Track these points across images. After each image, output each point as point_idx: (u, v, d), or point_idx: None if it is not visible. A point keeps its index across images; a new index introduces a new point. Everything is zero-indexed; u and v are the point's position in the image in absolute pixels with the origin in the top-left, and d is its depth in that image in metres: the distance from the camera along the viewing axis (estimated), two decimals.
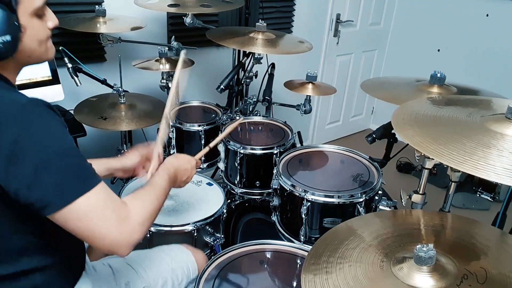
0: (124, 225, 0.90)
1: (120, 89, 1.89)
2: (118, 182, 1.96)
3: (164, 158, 1.37)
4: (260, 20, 2.11)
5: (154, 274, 1.28)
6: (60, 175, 0.85)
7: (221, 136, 1.49)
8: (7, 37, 0.88)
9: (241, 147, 1.84)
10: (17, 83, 1.01)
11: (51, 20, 0.99)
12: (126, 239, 0.90)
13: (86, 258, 1.18)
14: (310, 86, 2.11)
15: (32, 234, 0.93)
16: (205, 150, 1.46)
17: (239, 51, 2.50)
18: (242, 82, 2.36)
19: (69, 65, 1.87)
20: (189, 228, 1.53)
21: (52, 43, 1.00)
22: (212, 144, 1.47)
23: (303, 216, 1.52)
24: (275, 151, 1.86)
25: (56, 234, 0.94)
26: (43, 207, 0.84)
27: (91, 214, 0.86)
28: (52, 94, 1.87)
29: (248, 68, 2.29)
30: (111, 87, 2.00)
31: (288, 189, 1.57)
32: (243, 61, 2.17)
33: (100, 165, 1.32)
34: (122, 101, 1.89)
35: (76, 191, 0.85)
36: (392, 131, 1.74)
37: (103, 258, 1.34)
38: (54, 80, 1.88)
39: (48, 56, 1.01)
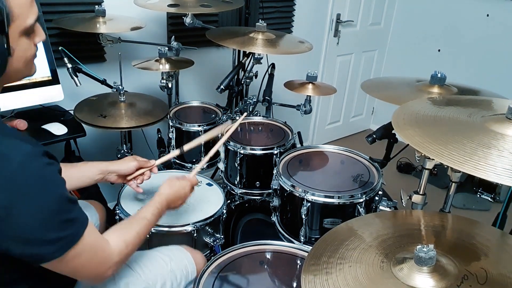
0: (103, 266, 0.98)
1: (120, 87, 1.89)
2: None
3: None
4: (260, 20, 2.11)
5: (153, 274, 1.28)
6: (54, 232, 0.87)
7: (217, 146, 1.50)
8: None
9: (241, 148, 1.84)
10: (17, 83, 1.00)
11: (39, 36, 0.91)
12: (102, 276, 1.00)
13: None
14: (310, 86, 2.11)
15: (21, 270, 0.95)
16: (202, 164, 1.51)
17: (239, 51, 2.49)
18: (242, 82, 2.36)
19: (69, 65, 1.87)
20: (189, 228, 1.53)
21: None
22: (211, 152, 1.50)
23: (303, 216, 1.52)
24: (275, 152, 1.85)
25: (45, 270, 0.95)
26: (35, 261, 0.88)
27: (77, 259, 0.92)
28: (51, 94, 1.87)
29: (248, 68, 2.29)
30: (111, 87, 2.00)
31: (288, 189, 1.57)
32: (243, 61, 2.17)
33: (94, 167, 1.35)
34: (122, 100, 1.89)
35: (67, 244, 0.89)
36: (393, 132, 1.74)
37: None
38: (54, 80, 1.88)
39: (31, 73, 0.95)
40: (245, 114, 1.66)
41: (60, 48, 1.85)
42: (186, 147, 1.56)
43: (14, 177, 0.80)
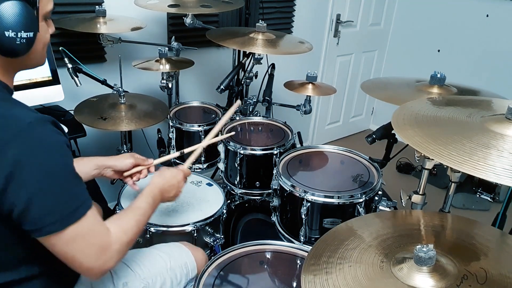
0: (103, 255, 0.94)
1: (120, 89, 1.89)
2: (118, 182, 1.96)
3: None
4: (260, 20, 2.11)
5: (152, 273, 1.27)
6: (55, 201, 0.86)
7: (205, 141, 1.50)
8: (31, 34, 0.90)
9: (241, 148, 1.84)
10: (17, 83, 1.02)
11: (51, 27, 1.01)
12: (101, 267, 0.95)
13: None
14: (310, 86, 2.11)
15: (29, 246, 0.94)
16: (192, 158, 1.49)
17: (239, 51, 2.50)
18: (242, 82, 2.36)
19: (69, 66, 1.87)
20: (189, 228, 1.53)
21: None
22: (198, 149, 1.50)
23: (303, 216, 1.52)
24: (275, 152, 1.85)
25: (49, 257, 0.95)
26: (34, 230, 0.86)
27: (77, 241, 0.90)
28: (52, 95, 1.87)
29: (248, 69, 2.29)
30: (111, 87, 2.00)
31: (288, 189, 1.57)
32: (243, 61, 2.17)
33: (90, 162, 1.35)
34: (122, 101, 1.89)
35: (68, 219, 0.88)
36: (392, 132, 1.75)
37: None
38: (54, 80, 1.88)
39: (43, 62, 1.03)
40: (238, 102, 1.62)
41: (60, 48, 1.85)
42: (187, 150, 1.55)
43: (22, 134, 0.84)
